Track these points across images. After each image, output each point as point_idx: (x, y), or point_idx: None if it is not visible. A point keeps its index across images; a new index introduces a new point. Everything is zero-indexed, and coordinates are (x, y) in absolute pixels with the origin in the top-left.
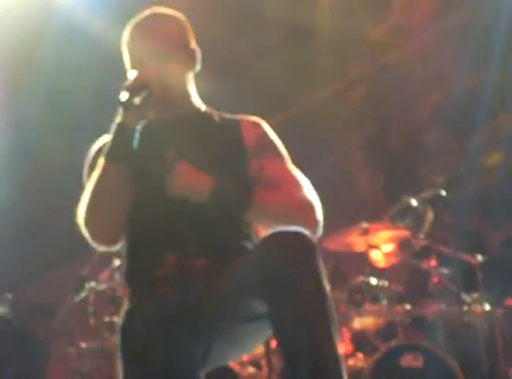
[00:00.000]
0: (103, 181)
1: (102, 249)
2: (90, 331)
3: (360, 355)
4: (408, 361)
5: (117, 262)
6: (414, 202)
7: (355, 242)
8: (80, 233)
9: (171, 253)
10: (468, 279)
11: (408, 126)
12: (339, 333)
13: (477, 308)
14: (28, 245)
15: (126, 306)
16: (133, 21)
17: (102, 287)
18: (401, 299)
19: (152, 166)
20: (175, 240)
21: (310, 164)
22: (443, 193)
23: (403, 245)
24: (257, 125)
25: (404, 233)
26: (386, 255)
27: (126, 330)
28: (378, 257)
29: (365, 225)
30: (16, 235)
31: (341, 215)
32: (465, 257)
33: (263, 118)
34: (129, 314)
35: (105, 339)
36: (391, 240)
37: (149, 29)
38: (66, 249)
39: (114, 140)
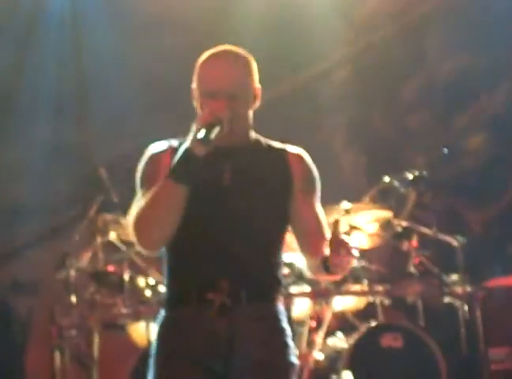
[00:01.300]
0: (164, 197)
1: (144, 253)
2: (71, 308)
3: (340, 335)
4: (388, 341)
5: (99, 240)
6: (396, 183)
7: None
8: (62, 211)
9: (223, 280)
10: (449, 260)
11: (392, 108)
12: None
13: (457, 289)
14: (11, 222)
15: (163, 316)
16: (209, 53)
17: (83, 264)
18: (382, 280)
19: (209, 191)
20: (227, 265)
21: (294, 144)
22: (425, 173)
23: (384, 225)
24: (303, 160)
25: (386, 213)
26: (368, 235)
27: (166, 339)
28: (359, 237)
29: (347, 205)
30: (0, 212)
31: (323, 195)
32: (446, 238)
33: None
34: (173, 323)
35: (86, 317)
36: (373, 220)
37: (225, 65)
38: (48, 226)
39: (180, 162)
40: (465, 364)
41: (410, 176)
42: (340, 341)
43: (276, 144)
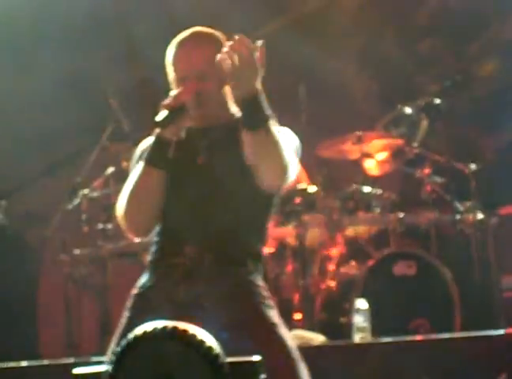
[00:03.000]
0: (142, 182)
1: (135, 239)
2: (83, 238)
3: (353, 263)
4: (401, 269)
5: (110, 169)
6: (408, 110)
7: (349, 150)
8: (74, 141)
9: (189, 246)
10: (462, 188)
11: (405, 34)
12: None
13: (470, 216)
14: (23, 152)
15: (143, 278)
16: (176, 39)
17: (95, 194)
18: (394, 207)
19: (184, 172)
20: (194, 234)
21: (306, 72)
22: (438, 101)
23: (396, 153)
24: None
25: (398, 141)
26: (380, 163)
27: (139, 295)
28: (371, 165)
29: (359, 133)
30: (12, 142)
31: (336, 123)
32: (459, 165)
33: (260, 24)
34: (146, 286)
35: (98, 247)
36: (385, 148)
37: (190, 49)
38: (60, 156)
39: (153, 148)
40: (478, 291)
41: (422, 103)
42: (353, 269)
43: None
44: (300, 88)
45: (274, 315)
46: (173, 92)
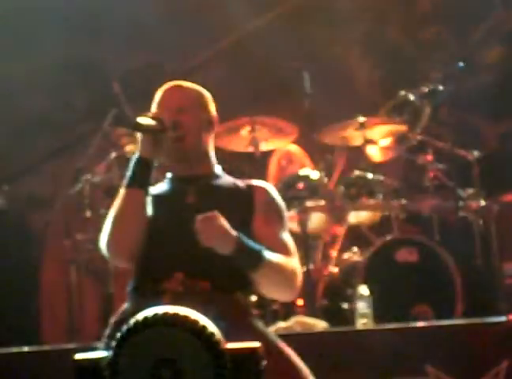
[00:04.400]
0: (125, 205)
1: (120, 265)
2: (85, 223)
3: (355, 249)
4: (403, 255)
5: (113, 154)
6: (411, 97)
7: (352, 136)
8: (76, 125)
9: (180, 272)
10: (464, 175)
11: (408, 20)
12: None
13: (472, 203)
14: (26, 137)
15: (124, 307)
16: (159, 91)
17: (98, 179)
18: (397, 194)
19: (170, 209)
20: (184, 261)
21: (309, 58)
22: (441, 87)
23: (399, 139)
24: (267, 193)
25: (401, 127)
26: (383, 149)
27: (118, 324)
28: (374, 151)
29: (362, 119)
30: (14, 127)
31: (338, 109)
32: (462, 152)
33: (262, 13)
34: (128, 313)
35: (100, 231)
36: (388, 134)
37: (172, 90)
38: (63, 141)
39: (133, 169)
40: (480, 278)
41: (425, 90)
42: (355, 255)
43: (242, 179)
44: (304, 74)
45: (263, 328)
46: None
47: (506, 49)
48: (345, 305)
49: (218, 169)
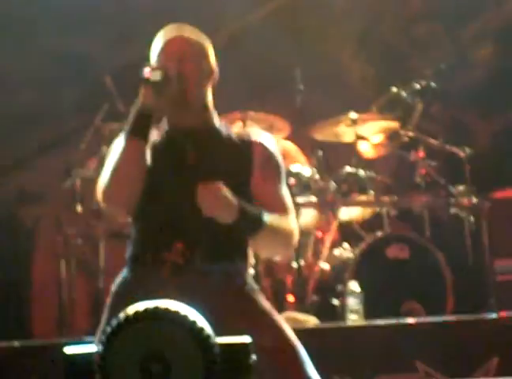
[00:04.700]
0: (124, 155)
1: (115, 218)
2: (77, 218)
3: (346, 245)
4: (394, 252)
5: (105, 149)
6: (403, 93)
7: (344, 132)
8: (68, 120)
9: (178, 242)
10: (456, 172)
11: (401, 17)
12: None
13: (464, 200)
14: (17, 131)
15: (123, 275)
16: (160, 32)
17: (89, 173)
18: (388, 190)
19: (173, 167)
20: (184, 230)
21: (302, 55)
22: (433, 84)
23: (391, 136)
24: (266, 147)
25: (393, 124)
26: (374, 146)
27: (120, 295)
28: (366, 147)
29: (354, 115)
30: (5, 122)
31: (330, 105)
32: (453, 149)
33: (255, 8)
34: (128, 283)
35: (92, 226)
36: (379, 131)
37: (175, 39)
38: (55, 135)
39: (134, 120)
40: (471, 275)
41: (418, 86)
42: (346, 252)
43: (240, 130)
44: (296, 70)
45: (265, 302)
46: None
47: (498, 47)
48: (336, 302)
49: (217, 120)
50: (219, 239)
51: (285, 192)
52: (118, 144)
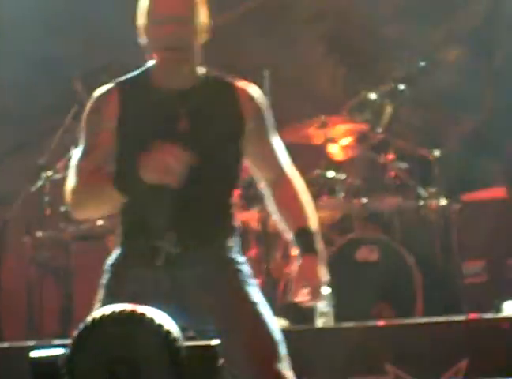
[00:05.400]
0: (98, 192)
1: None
2: (46, 220)
3: (323, 248)
4: (364, 254)
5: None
6: (373, 96)
7: (313, 134)
8: (38, 122)
9: (171, 230)
10: (425, 174)
11: (370, 20)
12: None
13: (433, 203)
14: None
15: (117, 253)
16: None
17: (58, 176)
18: (358, 193)
19: (157, 134)
20: (175, 218)
21: (271, 57)
22: (402, 87)
23: (361, 138)
24: (253, 98)
25: (362, 126)
26: (344, 148)
27: (114, 273)
28: (335, 150)
29: (323, 118)
30: None
31: (300, 108)
32: (423, 151)
33: (226, 9)
34: (122, 262)
35: (61, 229)
36: (349, 133)
37: None
38: (23, 137)
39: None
40: (440, 277)
41: (387, 89)
42: None
43: (226, 80)
44: (265, 72)
45: (256, 293)
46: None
47: (468, 48)
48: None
49: (202, 73)
50: (210, 222)
51: (279, 145)
52: (99, 182)
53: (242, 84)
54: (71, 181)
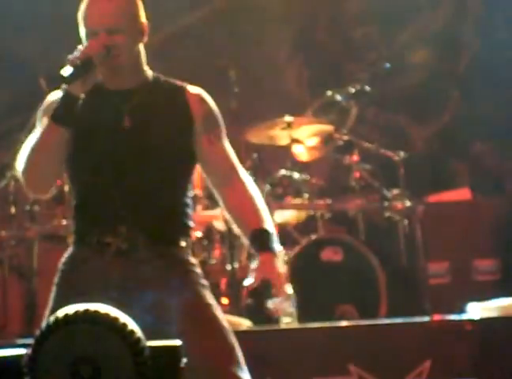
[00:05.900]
0: (45, 139)
1: (34, 196)
2: (10, 219)
3: (280, 248)
4: (328, 254)
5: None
6: (338, 97)
7: (279, 135)
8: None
9: (121, 225)
10: (390, 175)
11: (336, 21)
12: None
13: (398, 204)
14: None
15: (69, 251)
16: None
17: None
18: (323, 193)
19: (107, 138)
20: (125, 212)
21: (237, 58)
22: (368, 88)
23: (326, 139)
24: (203, 100)
25: (328, 127)
26: (309, 149)
27: (66, 272)
28: (300, 150)
29: (288, 119)
30: None
31: (265, 109)
32: (387, 153)
33: (193, 8)
34: (74, 261)
35: (25, 228)
36: (314, 134)
37: (101, 2)
38: None
39: (59, 104)
40: (404, 278)
41: (352, 90)
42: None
43: (176, 83)
44: (230, 72)
45: (209, 295)
46: (80, 47)
47: (433, 50)
48: (270, 305)
49: (150, 75)
50: (162, 220)
51: (229, 147)
52: (42, 124)
53: (192, 87)
54: (22, 152)
